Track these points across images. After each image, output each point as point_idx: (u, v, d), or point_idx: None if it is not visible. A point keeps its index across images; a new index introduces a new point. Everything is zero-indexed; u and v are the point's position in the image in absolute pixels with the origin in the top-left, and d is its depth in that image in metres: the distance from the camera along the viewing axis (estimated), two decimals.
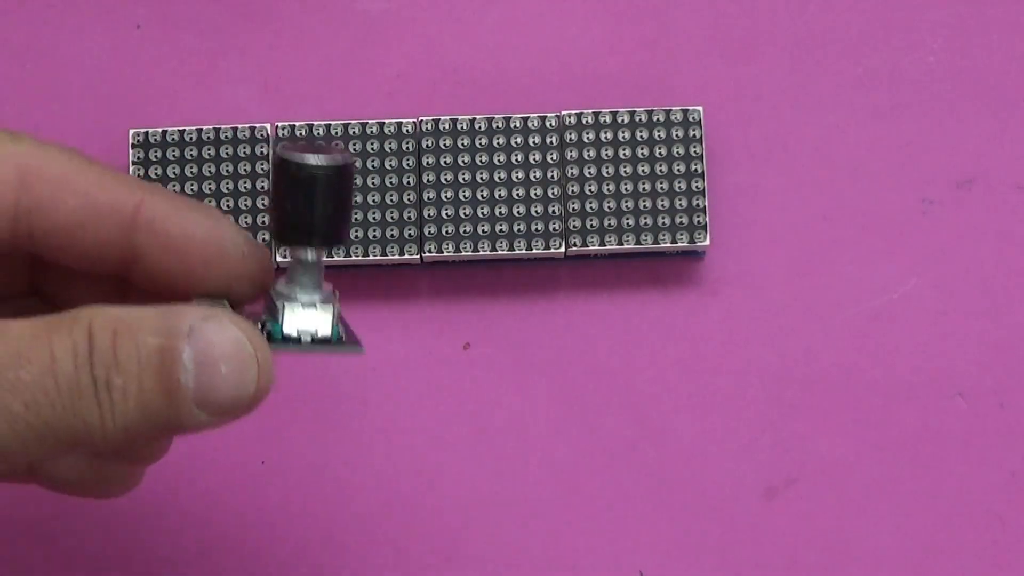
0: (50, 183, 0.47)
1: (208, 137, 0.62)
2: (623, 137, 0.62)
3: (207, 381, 0.43)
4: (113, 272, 0.49)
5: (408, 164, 0.62)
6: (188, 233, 0.47)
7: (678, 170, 0.62)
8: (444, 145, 0.62)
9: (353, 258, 0.61)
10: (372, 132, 0.62)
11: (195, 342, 0.43)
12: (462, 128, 0.62)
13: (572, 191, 0.61)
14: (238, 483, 0.61)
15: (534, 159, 0.62)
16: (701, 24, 0.64)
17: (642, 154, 0.62)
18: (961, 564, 0.61)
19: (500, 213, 0.61)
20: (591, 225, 0.61)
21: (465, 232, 0.61)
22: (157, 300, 0.47)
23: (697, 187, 0.61)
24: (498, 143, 0.62)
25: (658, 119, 0.62)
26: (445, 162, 0.62)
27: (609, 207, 0.61)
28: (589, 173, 0.62)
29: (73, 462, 0.48)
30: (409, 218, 0.61)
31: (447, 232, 0.61)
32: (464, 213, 0.61)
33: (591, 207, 0.61)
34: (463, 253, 0.61)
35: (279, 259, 0.61)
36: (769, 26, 0.64)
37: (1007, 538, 0.61)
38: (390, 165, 0.62)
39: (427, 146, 0.62)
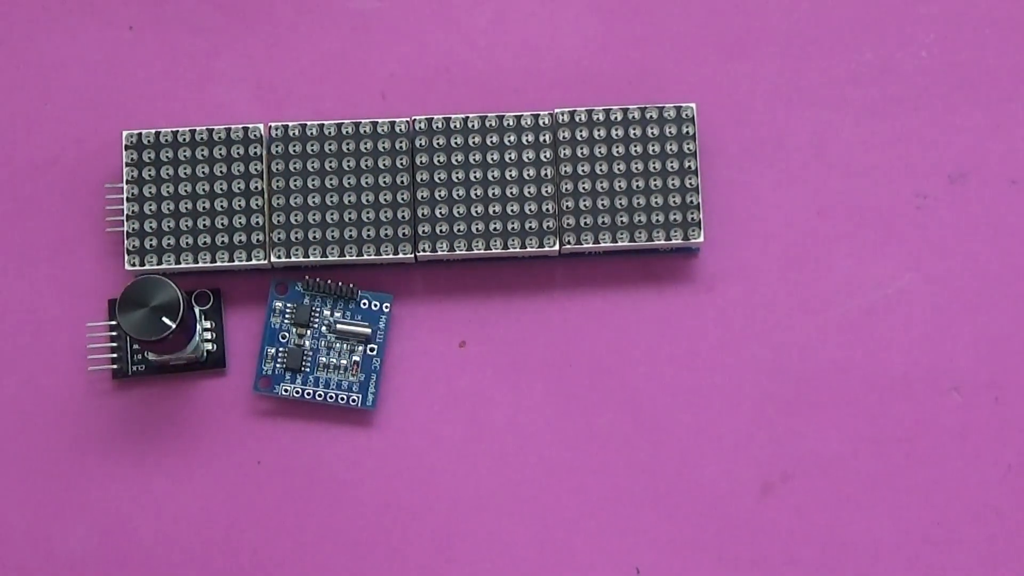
0: None
1: (201, 138, 0.62)
2: (616, 134, 0.62)
3: None
4: None
5: (402, 163, 0.62)
6: None
7: (672, 167, 0.62)
8: (437, 144, 0.62)
9: (347, 258, 0.61)
10: (365, 132, 0.62)
11: None
12: (455, 127, 0.62)
13: (566, 189, 0.61)
14: (234, 483, 0.62)
15: (527, 157, 0.62)
16: (694, 21, 0.64)
17: (636, 151, 0.62)
18: (958, 558, 0.61)
19: (494, 211, 0.61)
20: (585, 223, 0.61)
21: (459, 231, 0.61)
22: None
23: (691, 184, 0.61)
24: (491, 141, 0.62)
25: (651, 116, 0.62)
26: (439, 161, 0.62)
27: (603, 205, 0.61)
28: (583, 171, 0.62)
29: None
30: (403, 217, 0.61)
31: (441, 231, 0.61)
32: (458, 212, 0.61)
33: (585, 205, 0.61)
34: (457, 252, 0.61)
35: (274, 259, 0.61)
36: (762, 22, 0.64)
37: (1004, 532, 0.61)
38: (384, 164, 0.62)
39: (420, 145, 0.62)
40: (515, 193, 0.61)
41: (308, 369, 0.62)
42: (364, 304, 0.62)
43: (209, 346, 0.62)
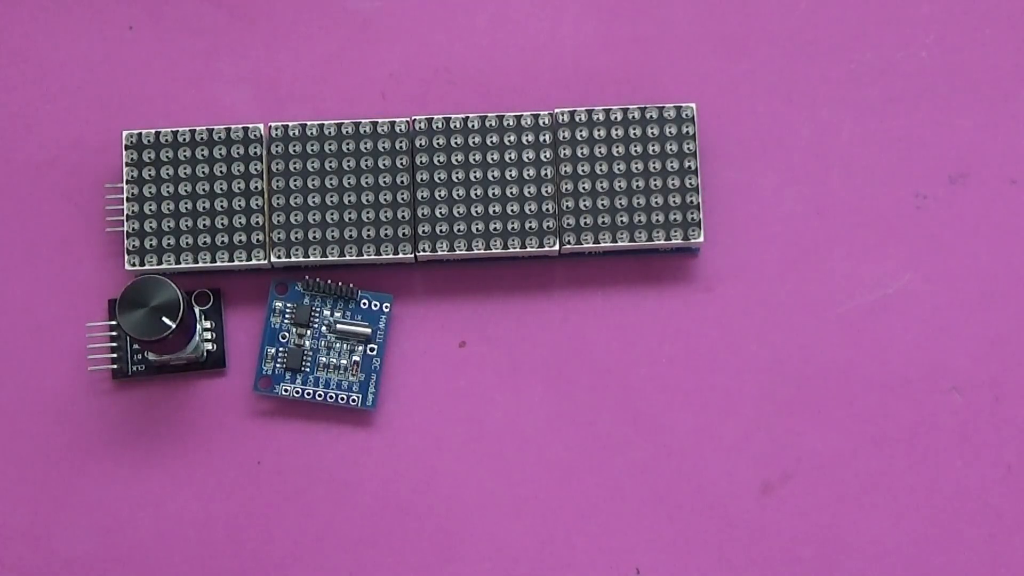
0: None
1: (201, 138, 0.62)
2: (616, 134, 0.62)
3: None
4: None
5: (402, 163, 0.62)
6: None
7: (672, 167, 0.62)
8: (437, 144, 0.62)
9: (347, 258, 0.61)
10: (365, 132, 0.62)
11: None
12: (455, 127, 0.62)
13: (566, 189, 0.61)
14: (234, 483, 0.62)
15: (527, 157, 0.62)
16: (694, 21, 0.64)
17: (635, 151, 0.62)
18: (958, 558, 0.61)
19: (494, 211, 0.61)
20: (585, 223, 0.61)
21: (459, 231, 0.61)
22: None
23: (691, 184, 0.61)
24: (491, 141, 0.62)
25: (651, 116, 0.62)
26: (439, 161, 0.62)
27: (603, 204, 0.61)
28: (582, 171, 0.62)
29: None
30: (403, 217, 0.61)
31: (441, 231, 0.61)
32: (458, 212, 0.61)
33: (585, 205, 0.61)
34: (457, 252, 0.61)
35: (273, 259, 0.61)
36: (762, 22, 0.64)
37: (1004, 532, 0.61)
38: (384, 164, 0.62)
39: (420, 145, 0.62)
40: (515, 193, 0.61)
41: (308, 369, 0.62)
42: (364, 304, 0.62)
43: (209, 346, 0.62)
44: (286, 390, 0.61)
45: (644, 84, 0.64)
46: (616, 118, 0.62)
